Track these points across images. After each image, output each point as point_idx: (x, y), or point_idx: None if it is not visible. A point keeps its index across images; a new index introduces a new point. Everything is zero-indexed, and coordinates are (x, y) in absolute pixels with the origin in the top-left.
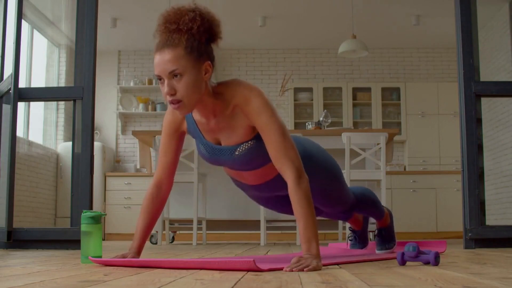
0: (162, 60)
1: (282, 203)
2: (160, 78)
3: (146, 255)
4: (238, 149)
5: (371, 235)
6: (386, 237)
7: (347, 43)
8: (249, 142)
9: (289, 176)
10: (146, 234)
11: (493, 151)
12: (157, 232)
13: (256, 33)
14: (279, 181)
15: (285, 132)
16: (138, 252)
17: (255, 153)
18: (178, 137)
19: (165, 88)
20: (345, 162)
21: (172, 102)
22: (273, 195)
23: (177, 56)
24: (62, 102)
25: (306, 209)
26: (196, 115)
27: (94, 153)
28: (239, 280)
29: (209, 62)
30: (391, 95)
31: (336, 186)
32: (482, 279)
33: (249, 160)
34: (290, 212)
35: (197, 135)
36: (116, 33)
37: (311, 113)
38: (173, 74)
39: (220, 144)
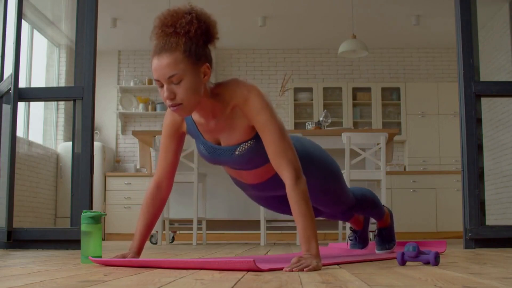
0: (161, 65)
1: (281, 203)
2: (159, 82)
3: (146, 255)
4: (238, 149)
5: (371, 235)
6: (386, 237)
7: (347, 43)
8: (249, 142)
9: (287, 176)
10: (146, 234)
11: (493, 151)
12: (157, 232)
13: (256, 33)
14: (278, 180)
15: (284, 132)
16: (138, 252)
17: (255, 153)
18: (178, 138)
19: (164, 93)
20: (345, 162)
21: (172, 106)
22: (273, 195)
23: (176, 60)
24: (62, 102)
25: (305, 209)
26: (195, 116)
27: (94, 153)
28: (239, 280)
29: (208, 64)
30: (391, 95)
31: (336, 186)
32: (482, 279)
33: (249, 159)
34: (289, 212)
35: (197, 135)
36: (116, 33)
37: (311, 113)
38: (172, 79)
39: (220, 144)
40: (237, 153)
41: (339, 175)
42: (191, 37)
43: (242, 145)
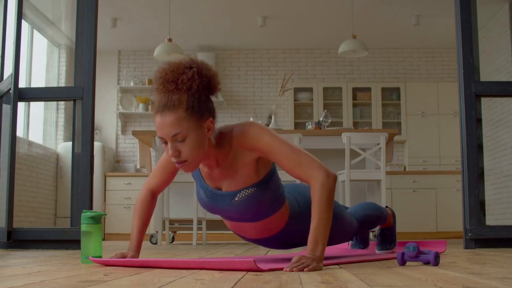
0: (164, 124)
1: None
2: (163, 139)
3: (146, 255)
4: (238, 195)
5: (371, 235)
6: (388, 237)
7: (347, 43)
8: (250, 188)
9: (313, 181)
10: (143, 232)
11: (493, 151)
12: (157, 232)
13: (256, 33)
14: (279, 240)
15: (290, 143)
16: (137, 251)
17: (255, 202)
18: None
19: (169, 151)
20: (345, 162)
21: (177, 163)
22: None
23: (179, 119)
24: (62, 102)
25: (324, 211)
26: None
27: (94, 153)
28: (239, 280)
29: (211, 119)
30: (391, 95)
31: (341, 225)
32: (482, 279)
33: (248, 208)
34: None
35: (198, 179)
36: (116, 33)
37: (311, 113)
38: (176, 137)
39: (221, 190)
40: (236, 199)
41: (342, 212)
42: (193, 93)
43: (243, 191)
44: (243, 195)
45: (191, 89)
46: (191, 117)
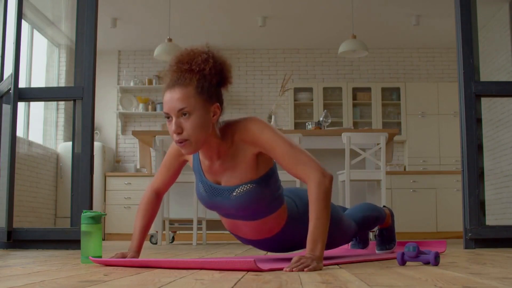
0: (172, 98)
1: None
2: (168, 117)
3: (146, 255)
4: (237, 190)
5: (371, 235)
6: (387, 237)
7: (347, 43)
8: (249, 184)
9: (312, 179)
10: (145, 233)
11: (493, 151)
12: (157, 232)
13: (256, 33)
14: (276, 243)
15: (291, 141)
16: (138, 251)
17: (253, 198)
18: (182, 161)
19: (172, 126)
20: (345, 162)
21: (178, 142)
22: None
23: (187, 95)
24: (62, 102)
25: (322, 210)
26: (201, 155)
27: (94, 153)
28: (239, 280)
29: (218, 104)
30: (391, 95)
31: (339, 229)
32: (482, 279)
33: (245, 204)
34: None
35: (198, 172)
36: (116, 33)
37: (311, 113)
38: (181, 113)
39: (220, 184)
40: (235, 194)
41: (340, 215)
42: (205, 75)
43: (241, 186)
44: (242, 190)
45: (203, 71)
46: (199, 97)
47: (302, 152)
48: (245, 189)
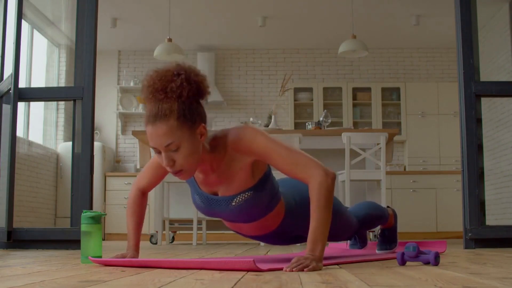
0: (156, 134)
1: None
2: (156, 149)
3: (146, 255)
4: (235, 199)
5: (371, 235)
6: (389, 237)
7: (347, 43)
8: (247, 192)
9: (310, 180)
10: (139, 230)
11: (493, 151)
12: (157, 232)
13: (256, 33)
14: (276, 236)
15: (287, 145)
16: (136, 250)
17: (253, 205)
18: None
19: (163, 161)
20: (345, 162)
21: (173, 173)
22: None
23: (171, 128)
24: (62, 102)
25: (323, 210)
26: None
27: (94, 153)
28: (239, 280)
29: (203, 124)
30: (391, 95)
31: (340, 221)
32: (482, 279)
33: (246, 211)
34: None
35: (193, 185)
36: (116, 33)
37: (311, 113)
38: (169, 147)
39: (217, 195)
40: (234, 204)
41: (341, 208)
42: (183, 101)
43: (240, 195)
44: (240, 199)
45: (181, 97)
46: (183, 126)
47: (299, 153)
48: (244, 197)
